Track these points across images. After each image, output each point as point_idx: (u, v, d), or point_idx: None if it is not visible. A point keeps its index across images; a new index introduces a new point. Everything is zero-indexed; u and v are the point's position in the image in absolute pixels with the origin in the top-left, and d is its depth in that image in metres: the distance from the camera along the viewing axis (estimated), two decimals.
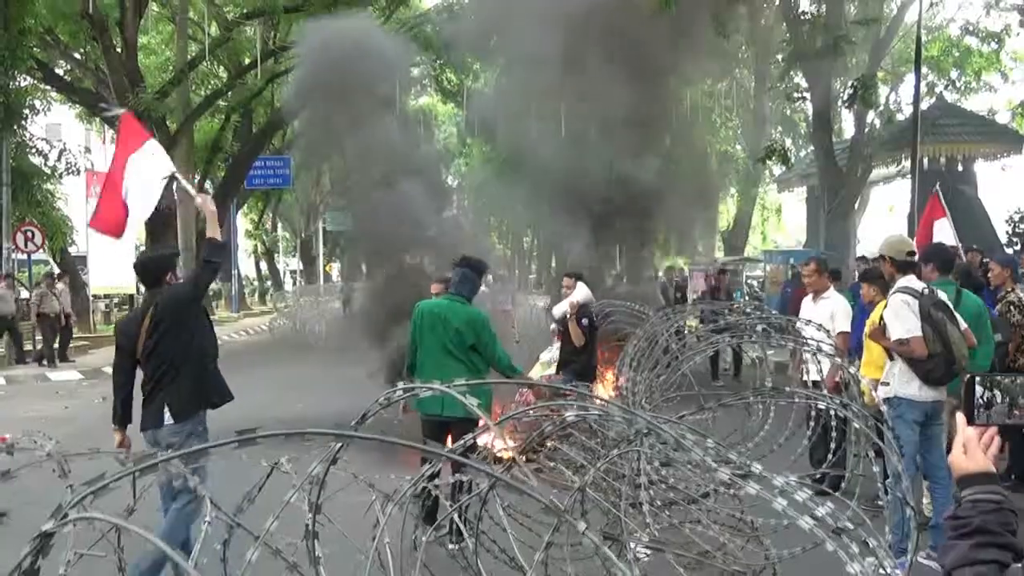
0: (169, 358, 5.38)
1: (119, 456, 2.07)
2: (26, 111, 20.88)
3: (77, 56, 28.12)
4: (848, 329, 7.63)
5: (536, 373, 10.99)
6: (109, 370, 17.69)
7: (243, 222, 47.35)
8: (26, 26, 19.36)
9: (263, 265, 52.73)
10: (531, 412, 3.37)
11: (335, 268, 57.65)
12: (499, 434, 2.41)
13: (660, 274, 21.36)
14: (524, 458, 3.05)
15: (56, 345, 18.89)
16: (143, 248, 34.76)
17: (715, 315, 6.15)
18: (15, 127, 19.91)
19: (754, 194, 34.86)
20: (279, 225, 52.45)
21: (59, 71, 28.00)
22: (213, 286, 38.52)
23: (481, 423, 4.06)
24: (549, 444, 3.97)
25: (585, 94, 13.33)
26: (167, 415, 5.33)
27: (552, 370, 10.58)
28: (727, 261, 22.97)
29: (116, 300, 31.38)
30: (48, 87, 25.83)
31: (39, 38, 22.30)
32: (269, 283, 51.12)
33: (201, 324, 5.65)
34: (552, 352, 11.00)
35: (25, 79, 21.76)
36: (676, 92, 16.17)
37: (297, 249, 53.42)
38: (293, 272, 58.08)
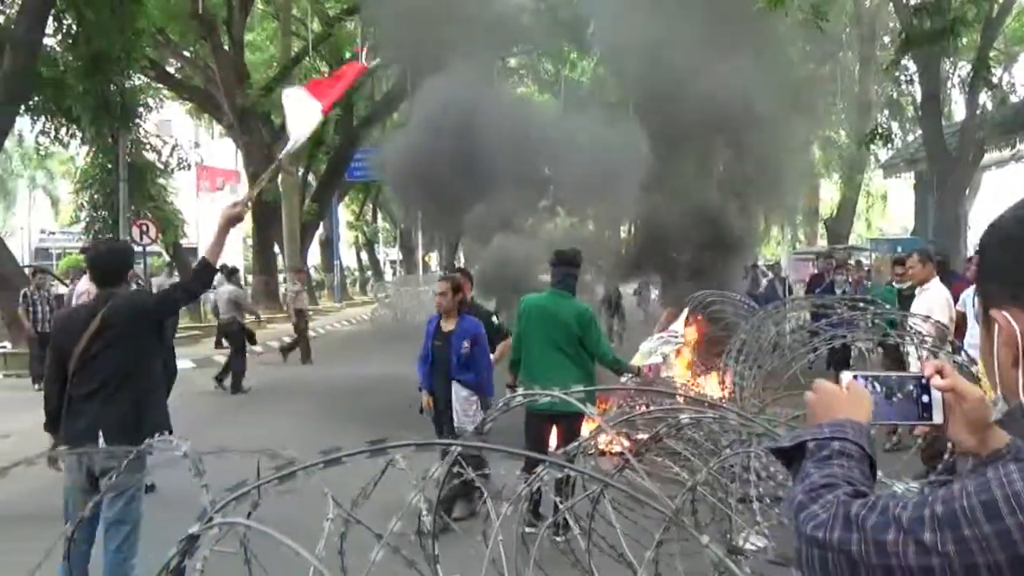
0: (113, 372, 4.68)
1: (247, 455, 2.16)
2: (140, 109, 21.69)
3: (187, 54, 29.05)
4: (945, 321, 7.38)
5: (637, 363, 10.87)
6: (221, 359, 18.27)
7: (344, 213, 48.27)
8: (140, 27, 20.07)
9: (364, 255, 53.66)
10: (641, 406, 3.39)
11: (433, 258, 58.32)
12: (614, 437, 2.42)
13: (760, 264, 20.95)
14: (636, 458, 3.06)
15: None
16: (250, 240, 35.86)
17: (825, 308, 6.01)
18: (131, 124, 20.69)
19: (859, 180, 33.89)
20: (379, 216, 53.28)
21: (170, 69, 28.98)
22: (315, 276, 39.38)
23: (592, 421, 4.09)
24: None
25: (682, 82, 13.13)
26: (100, 436, 4.60)
27: (653, 360, 10.47)
28: (830, 249, 22.35)
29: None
30: (160, 85, 26.77)
31: (151, 38, 23.09)
32: (370, 273, 52.00)
33: (154, 346, 4.95)
34: (652, 342, 10.87)
35: (139, 78, 22.58)
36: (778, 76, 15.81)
37: (397, 239, 54.26)
38: (393, 262, 58.98)
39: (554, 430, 6.33)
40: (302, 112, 5.68)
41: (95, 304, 4.77)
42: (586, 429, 6.90)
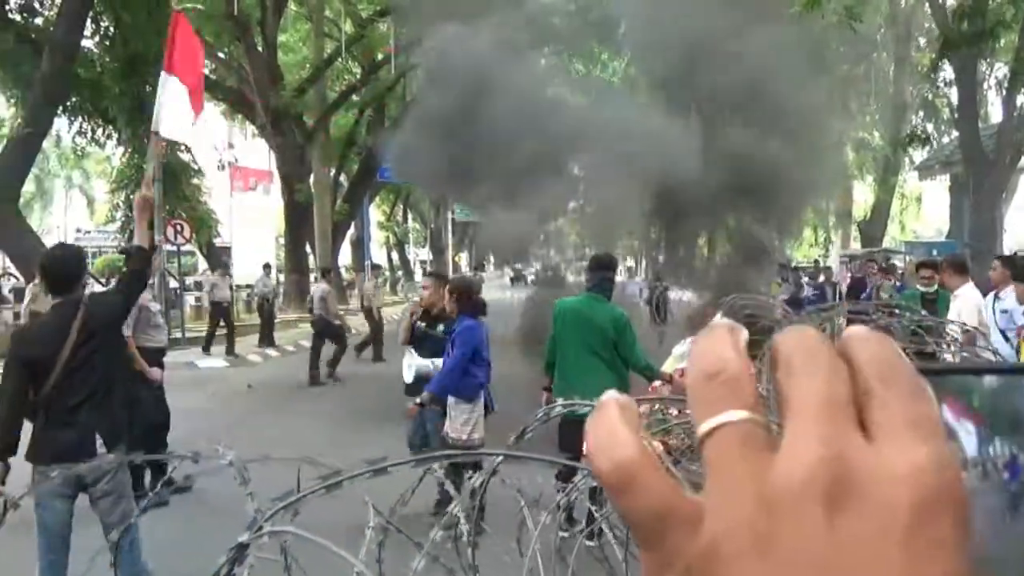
0: (101, 377, 4.67)
1: (290, 461, 2.19)
2: None
3: (221, 55, 29.33)
4: (976, 324, 7.32)
5: (669, 367, 10.82)
6: (254, 358, 18.41)
7: (376, 214, 48.51)
8: None
9: (394, 255, 53.91)
10: (673, 411, 3.37)
11: (463, 258, 58.48)
12: (653, 445, 2.42)
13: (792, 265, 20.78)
14: (673, 465, 3.05)
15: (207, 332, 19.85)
16: (282, 239, 36.12)
17: (859, 315, 5.96)
18: None
19: (893, 182, 33.60)
20: (410, 216, 53.51)
21: (204, 70, 29.25)
22: (347, 276, 39.62)
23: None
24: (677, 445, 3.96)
25: (713, 80, 13.03)
26: (98, 444, 4.60)
27: (684, 364, 10.42)
28: (872, 253, 22.13)
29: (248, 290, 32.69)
30: None
31: None
32: (400, 273, 52.23)
33: (123, 344, 5.04)
34: (685, 345, 10.82)
35: None
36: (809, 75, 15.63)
37: (427, 240, 54.43)
38: (423, 262, 59.15)
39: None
40: (179, 114, 5.79)
41: (65, 315, 4.62)
42: None
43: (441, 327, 7.00)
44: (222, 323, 19.09)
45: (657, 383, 8.59)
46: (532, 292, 12.94)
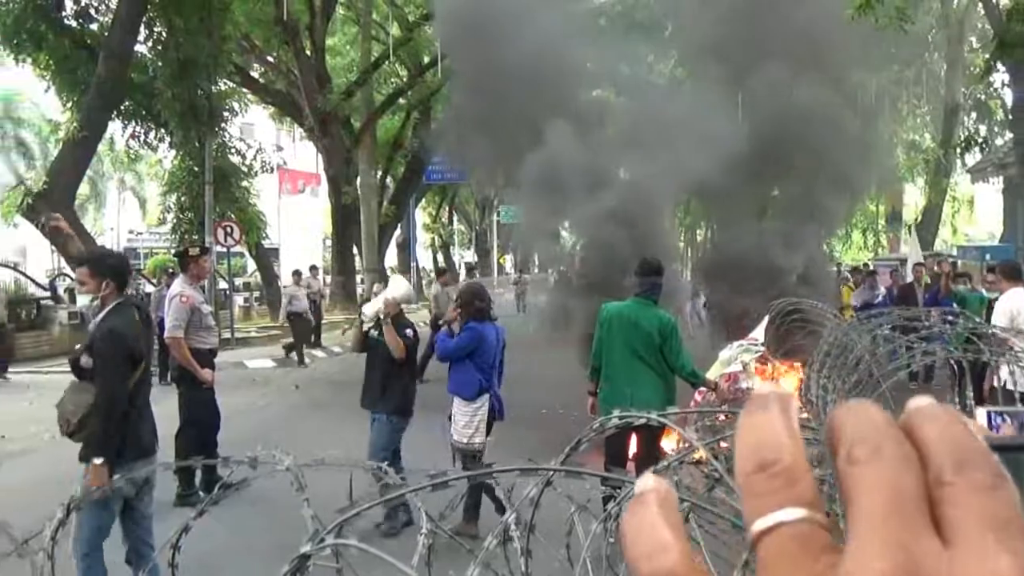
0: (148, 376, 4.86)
1: (343, 466, 2.23)
2: (226, 113, 22.25)
3: (270, 59, 29.67)
4: (1005, 327, 7.17)
5: (715, 373, 10.71)
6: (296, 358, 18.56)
7: (421, 216, 48.75)
8: (226, 33, 20.61)
9: (440, 257, 54.15)
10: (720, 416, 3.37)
11: (508, 260, 58.56)
12: (707, 457, 2.42)
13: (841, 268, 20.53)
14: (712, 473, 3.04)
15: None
16: (329, 241, 36.47)
17: (910, 321, 5.87)
18: (216, 128, 21.25)
19: (945, 185, 33.04)
20: (455, 218, 53.71)
21: (254, 74, 29.64)
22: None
23: (675, 436, 4.08)
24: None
25: (761, 80, 12.87)
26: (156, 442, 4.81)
27: (733, 368, 10.31)
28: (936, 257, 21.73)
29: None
30: (244, 89, 27.39)
31: (237, 44, 23.69)
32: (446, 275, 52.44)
33: None
34: (731, 349, 10.70)
35: (225, 83, 23.15)
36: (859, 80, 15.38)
37: (472, 242, 54.64)
38: (468, 264, 59.38)
39: (633, 437, 6.30)
40: None
41: (133, 309, 4.79)
42: (666, 440, 6.85)
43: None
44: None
45: (703, 390, 8.55)
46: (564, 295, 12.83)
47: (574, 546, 3.25)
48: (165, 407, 6.52)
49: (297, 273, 19.65)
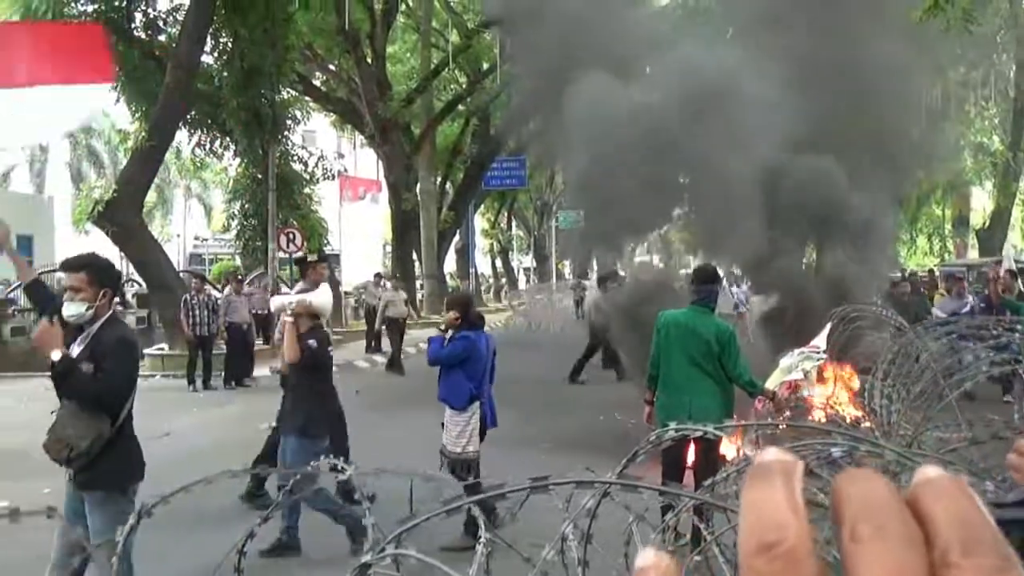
0: None
1: (403, 475, 2.25)
2: (288, 121, 22.61)
3: (332, 68, 30.07)
4: None
5: (775, 380, 10.56)
6: (361, 363, 18.79)
7: (480, 221, 48.96)
8: (290, 43, 20.96)
9: (498, 263, 54.30)
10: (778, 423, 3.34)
11: (567, 265, 58.49)
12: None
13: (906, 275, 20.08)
14: None
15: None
16: (389, 247, 36.78)
17: (980, 329, 5.71)
18: (280, 136, 21.60)
19: (1014, 189, 32.18)
20: (514, 224, 53.81)
21: (315, 82, 30.06)
22: (451, 283, 40.13)
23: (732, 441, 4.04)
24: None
25: (817, 82, 12.59)
26: None
27: (793, 376, 10.16)
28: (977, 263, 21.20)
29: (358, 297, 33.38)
30: (307, 98, 27.80)
31: (300, 53, 24.06)
32: (504, 280, 52.55)
33: None
34: (792, 357, 10.55)
35: (288, 91, 23.52)
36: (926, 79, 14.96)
37: (530, 247, 54.66)
38: (526, 269, 59.45)
39: (691, 447, 6.24)
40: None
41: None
42: (726, 447, 6.77)
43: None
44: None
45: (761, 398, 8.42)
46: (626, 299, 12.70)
47: (632, 556, 3.25)
48: (229, 410, 6.63)
49: (378, 276, 19.91)
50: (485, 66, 31.26)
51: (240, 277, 19.23)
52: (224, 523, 5.63)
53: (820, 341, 10.68)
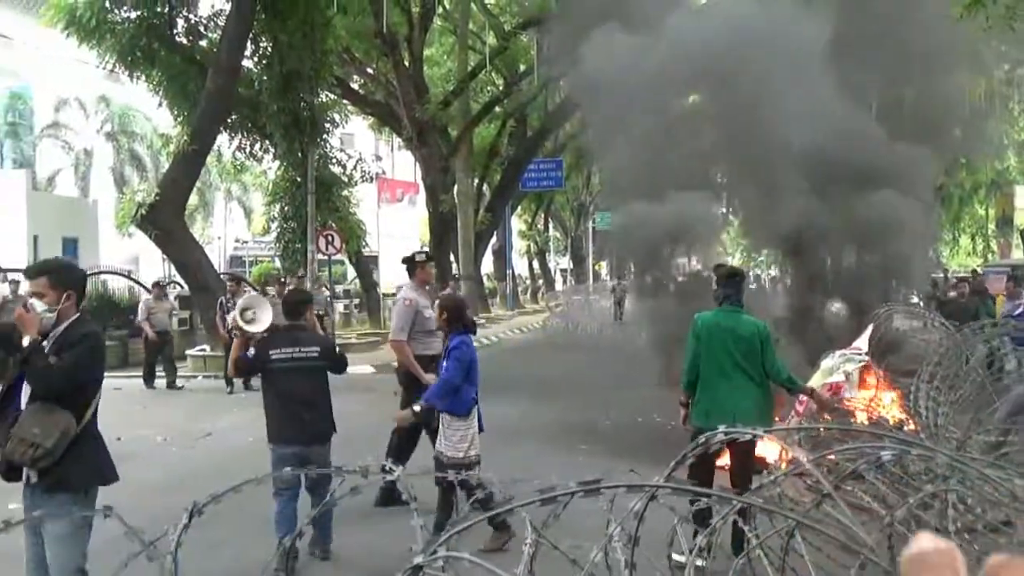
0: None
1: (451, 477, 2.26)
2: (327, 124, 22.80)
3: (370, 71, 30.25)
4: None
5: (816, 382, 10.45)
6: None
7: (517, 223, 49.01)
8: (328, 47, 21.12)
9: (535, 264, 54.30)
10: (821, 431, 3.32)
11: (604, 266, 58.39)
12: (818, 476, 2.39)
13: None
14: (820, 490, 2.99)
15: None
16: (426, 248, 36.91)
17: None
18: (319, 140, 21.79)
19: None
20: (551, 225, 53.80)
21: (353, 85, 30.26)
22: (488, 284, 40.27)
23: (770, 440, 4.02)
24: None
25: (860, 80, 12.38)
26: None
27: (835, 378, 10.06)
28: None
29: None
30: (345, 101, 27.99)
31: (338, 57, 24.24)
32: (541, 282, 52.55)
33: None
34: (834, 358, 10.44)
35: (326, 95, 23.71)
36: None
37: (567, 248, 54.63)
38: (563, 271, 59.40)
39: (727, 450, 6.17)
40: None
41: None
42: (766, 448, 6.71)
43: None
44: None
45: (803, 399, 8.33)
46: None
47: (675, 558, 3.25)
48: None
49: (454, 278, 20.00)
50: (522, 68, 31.26)
51: (283, 279, 19.42)
52: (270, 523, 5.69)
53: (861, 343, 10.57)
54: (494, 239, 36.81)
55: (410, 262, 8.35)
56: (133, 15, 19.81)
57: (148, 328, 15.98)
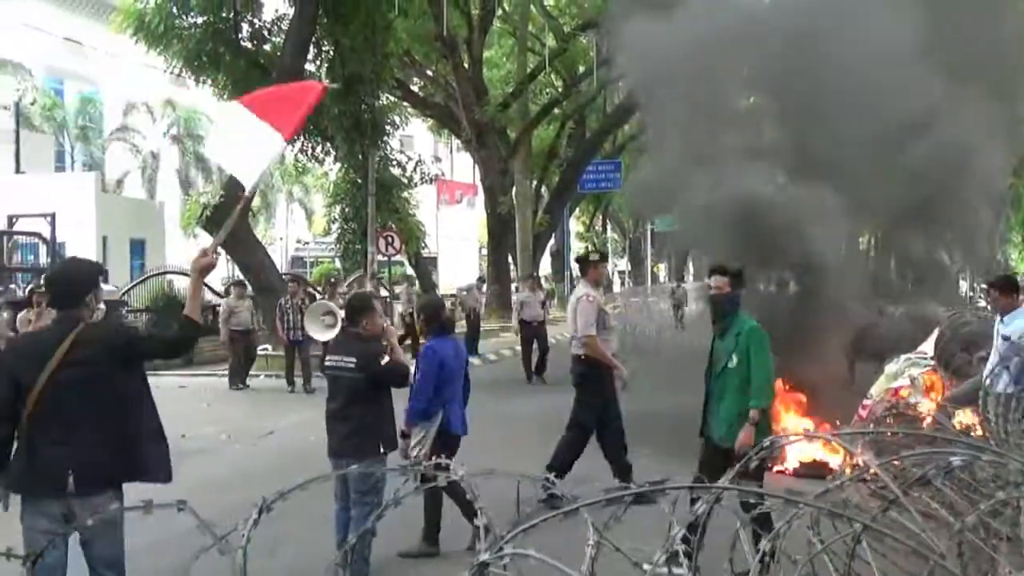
0: (86, 409, 4.06)
1: (512, 476, 2.27)
2: (388, 126, 23.01)
3: (430, 73, 30.47)
4: None
5: (880, 387, 10.24)
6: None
7: (575, 225, 48.92)
8: (389, 50, 21.32)
9: None
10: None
11: (662, 268, 58.00)
12: (884, 476, 2.35)
13: None
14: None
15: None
16: (484, 250, 37.08)
17: None
18: (379, 142, 22.00)
19: None
20: (609, 227, 53.63)
21: (413, 88, 30.51)
22: (547, 286, 40.35)
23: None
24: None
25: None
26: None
27: (900, 383, 9.85)
28: None
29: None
30: (405, 103, 28.23)
31: (399, 60, 24.46)
32: None
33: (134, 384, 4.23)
34: (898, 363, 10.22)
35: (387, 98, 23.92)
36: None
37: (626, 250, 54.39)
38: (621, 273, 59.13)
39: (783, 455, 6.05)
40: (255, 139, 4.58)
41: (59, 331, 4.12)
42: (827, 454, 6.59)
43: None
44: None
45: (867, 403, 8.17)
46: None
47: (738, 561, 3.22)
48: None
49: (533, 278, 20.14)
50: (581, 69, 31.25)
51: (333, 281, 19.61)
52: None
53: (927, 347, 10.33)
54: (552, 241, 36.79)
55: (584, 261, 8.42)
56: (199, 20, 20.20)
57: (225, 331, 16.01)
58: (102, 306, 4.50)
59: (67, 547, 3.88)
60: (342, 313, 6.05)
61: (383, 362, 5.64)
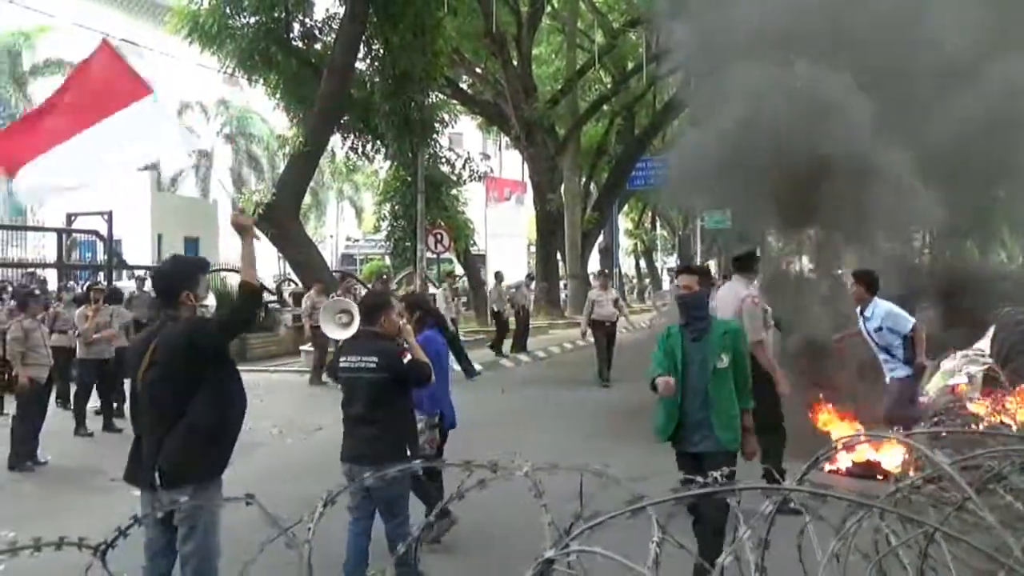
0: (165, 408, 4.14)
1: (590, 470, 2.23)
2: (437, 124, 23.07)
3: (478, 71, 30.51)
4: None
5: (936, 385, 10.02)
6: (507, 363, 18.93)
7: (624, 221, 48.66)
8: (439, 48, 21.38)
9: (642, 263, 53.82)
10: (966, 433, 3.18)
11: (712, 266, 57.45)
12: (957, 477, 2.28)
13: None
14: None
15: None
16: (533, 247, 37.04)
17: None
18: (429, 139, 22.07)
19: None
20: (658, 224, 53.28)
21: (462, 85, 30.56)
22: (595, 283, 40.19)
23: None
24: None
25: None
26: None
27: (957, 380, 9.66)
28: None
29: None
30: (454, 101, 28.30)
31: (448, 57, 24.53)
32: (648, 281, 52.06)
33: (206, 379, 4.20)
34: (955, 360, 10.01)
35: (437, 95, 23.99)
36: None
37: (674, 248, 53.92)
38: (670, 270, 58.66)
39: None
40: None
41: (153, 332, 4.24)
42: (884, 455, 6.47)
43: None
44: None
45: (923, 400, 7.98)
46: None
47: (806, 562, 3.16)
48: None
49: (604, 274, 20.14)
50: (630, 66, 31.08)
51: (386, 278, 19.72)
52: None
53: (984, 345, 10.11)
54: (601, 238, 36.66)
55: (749, 258, 7.80)
56: (252, 20, 20.44)
57: (308, 324, 16.03)
58: (209, 301, 4.49)
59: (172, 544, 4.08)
60: (357, 313, 5.73)
61: (405, 360, 5.43)
